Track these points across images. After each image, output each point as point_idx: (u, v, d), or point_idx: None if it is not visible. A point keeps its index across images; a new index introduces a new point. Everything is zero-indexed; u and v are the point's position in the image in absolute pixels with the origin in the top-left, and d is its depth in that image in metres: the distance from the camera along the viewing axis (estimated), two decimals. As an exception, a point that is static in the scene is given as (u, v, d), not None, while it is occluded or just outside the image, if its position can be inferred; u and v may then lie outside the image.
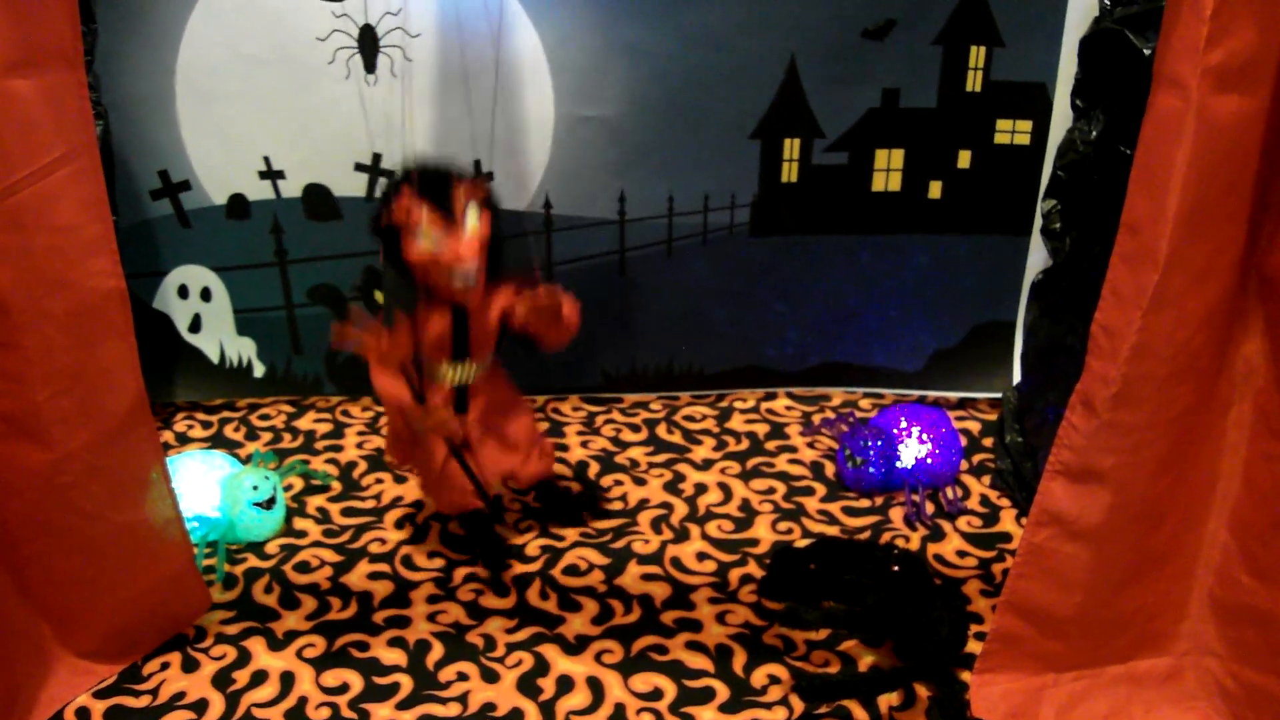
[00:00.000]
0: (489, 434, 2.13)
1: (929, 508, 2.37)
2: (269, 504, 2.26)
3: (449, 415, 2.05)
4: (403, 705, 1.87)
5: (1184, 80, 1.40)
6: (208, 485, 2.27)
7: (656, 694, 1.89)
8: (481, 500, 2.13)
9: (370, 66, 2.40)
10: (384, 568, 2.20)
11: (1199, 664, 1.82)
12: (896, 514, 2.36)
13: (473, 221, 1.90)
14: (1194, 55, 1.38)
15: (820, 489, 2.45)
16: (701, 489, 2.46)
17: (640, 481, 2.48)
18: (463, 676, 1.93)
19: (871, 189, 2.57)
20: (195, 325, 2.70)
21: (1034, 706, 1.83)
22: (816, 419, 2.72)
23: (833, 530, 2.31)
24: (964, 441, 2.53)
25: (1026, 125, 2.49)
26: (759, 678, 1.92)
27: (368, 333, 1.97)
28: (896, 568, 2.06)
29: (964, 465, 2.50)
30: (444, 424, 2.04)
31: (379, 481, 2.49)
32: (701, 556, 2.23)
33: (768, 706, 1.86)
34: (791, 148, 2.51)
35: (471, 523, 2.25)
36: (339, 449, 2.62)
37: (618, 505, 2.39)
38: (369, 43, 2.38)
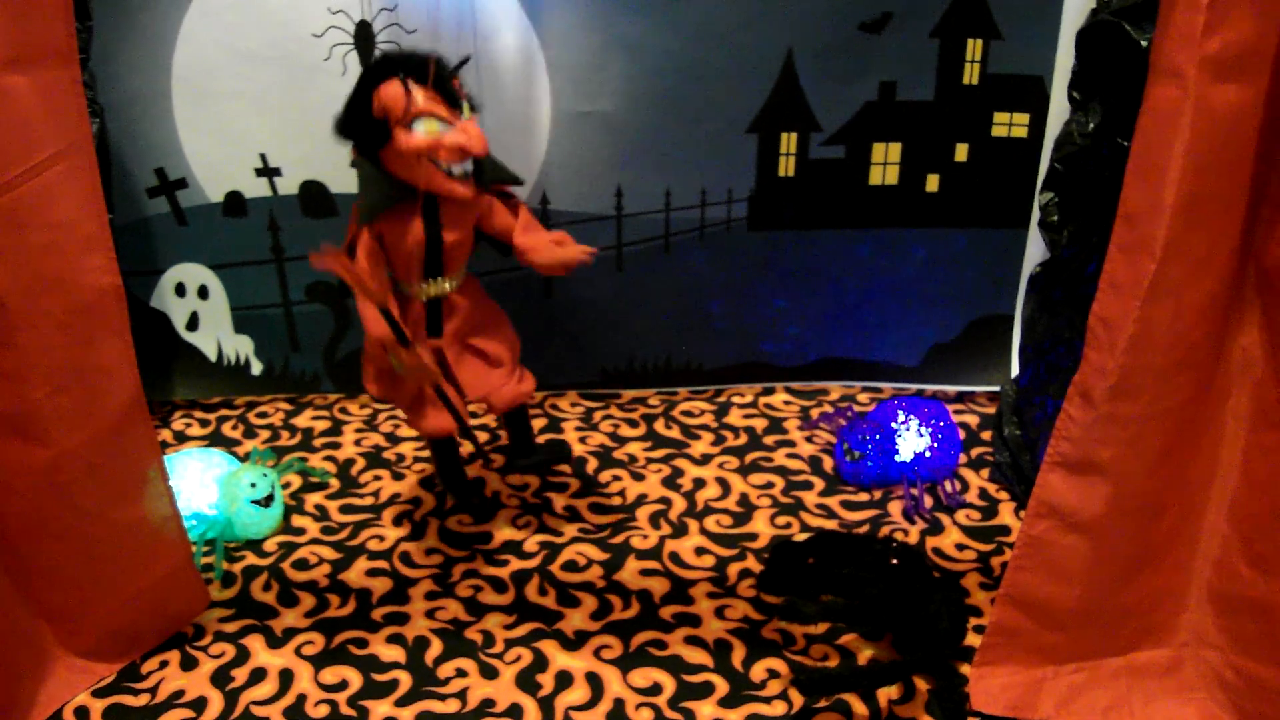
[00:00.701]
0: (467, 351, 2.05)
1: (928, 501, 2.37)
2: (267, 502, 2.26)
3: (428, 362, 1.95)
4: (401, 702, 1.87)
5: (1181, 70, 1.39)
6: (206, 483, 2.26)
7: (656, 689, 1.89)
8: (460, 429, 2.07)
9: (367, 63, 2.39)
10: (382, 565, 2.20)
11: (1198, 655, 1.82)
12: (895, 508, 2.36)
13: (468, 111, 1.82)
14: (1191, 45, 1.38)
15: (819, 483, 2.45)
16: (700, 484, 2.45)
17: (639, 477, 2.48)
18: (461, 673, 1.93)
19: (869, 183, 2.57)
20: (193, 323, 2.70)
21: (1033, 699, 1.83)
22: (815, 413, 2.72)
23: (831, 524, 2.31)
24: (962, 435, 2.53)
25: (1024, 118, 2.49)
26: (758, 672, 1.92)
27: (352, 264, 1.86)
28: (895, 561, 2.07)
29: (962, 459, 2.50)
30: (422, 371, 1.94)
31: (377, 479, 2.49)
32: (700, 551, 2.23)
33: (767, 701, 1.86)
34: (788, 141, 2.51)
35: (443, 450, 2.21)
36: (337, 446, 2.61)
37: (616, 500, 2.39)
38: (365, 39, 2.38)
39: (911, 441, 2.39)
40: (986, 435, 2.62)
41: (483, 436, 2.62)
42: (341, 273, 1.80)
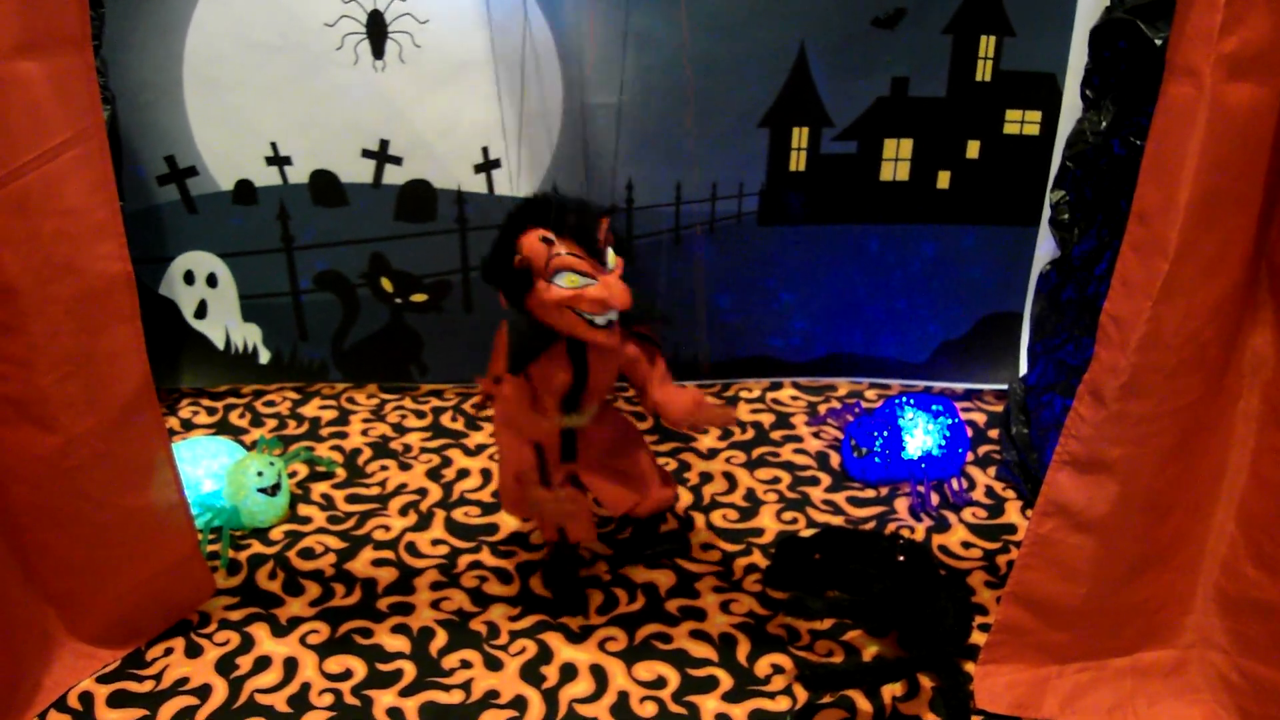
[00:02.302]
0: (604, 471, 2.01)
1: (934, 498, 2.36)
2: (273, 490, 2.26)
3: (568, 507, 1.94)
4: (406, 692, 1.87)
5: (1197, 68, 1.39)
6: (212, 471, 2.27)
7: (660, 682, 1.89)
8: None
9: (379, 52, 2.40)
10: (388, 555, 2.20)
11: (1204, 657, 1.81)
12: (902, 504, 2.36)
13: (612, 262, 1.77)
14: (1207, 43, 1.37)
15: (825, 479, 2.45)
16: (707, 478, 2.45)
17: (645, 470, 2.47)
18: (466, 664, 1.93)
19: (880, 178, 2.56)
20: (201, 311, 2.70)
21: (1038, 698, 1.82)
22: (822, 409, 2.72)
23: (838, 520, 2.31)
24: (970, 433, 2.52)
25: (1036, 115, 2.48)
26: (763, 667, 1.92)
27: (502, 385, 1.87)
28: (901, 558, 2.07)
29: (970, 456, 2.50)
30: (561, 515, 1.95)
31: (383, 469, 2.49)
32: (706, 546, 2.23)
33: (771, 696, 1.86)
34: (800, 136, 2.50)
35: (562, 557, 2.12)
36: (344, 436, 2.62)
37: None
38: (377, 29, 2.38)
39: (919, 438, 2.38)
40: (994, 433, 2.61)
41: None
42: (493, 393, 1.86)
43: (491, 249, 1.81)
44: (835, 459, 2.52)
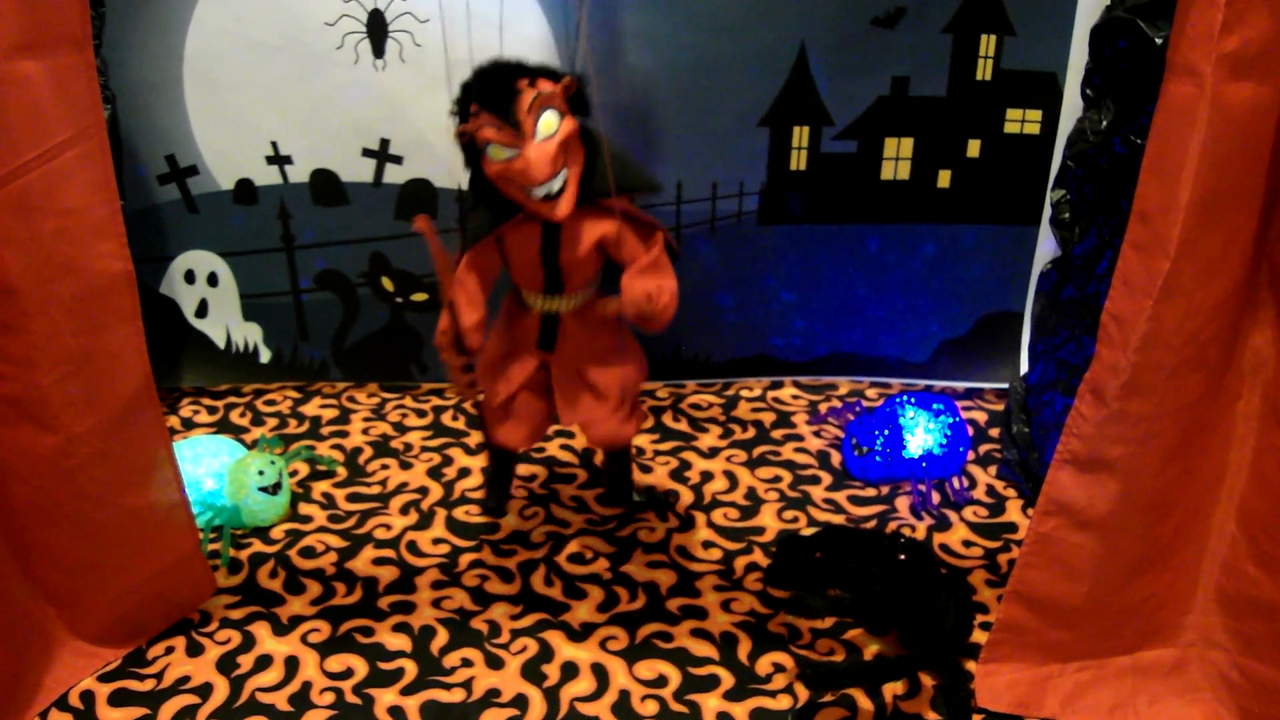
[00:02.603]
0: (574, 376, 1.96)
1: (935, 497, 2.36)
2: (274, 489, 2.26)
3: (466, 381, 1.89)
4: (407, 691, 1.87)
5: (1198, 67, 1.39)
6: (213, 470, 2.27)
7: (661, 681, 1.89)
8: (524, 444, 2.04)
9: (379, 52, 2.40)
10: (389, 553, 2.20)
11: (1204, 655, 1.81)
12: (903, 503, 2.36)
13: (545, 128, 1.68)
14: (1208, 42, 1.37)
15: (826, 478, 2.45)
16: (707, 477, 2.45)
17: (646, 469, 2.47)
18: (467, 662, 1.93)
19: (880, 177, 2.56)
20: (202, 310, 2.70)
21: (1039, 696, 1.82)
22: (823, 408, 2.72)
23: (839, 519, 2.31)
24: (971, 431, 2.52)
25: (1036, 114, 2.48)
26: (764, 665, 1.92)
27: (441, 252, 1.81)
28: (902, 557, 2.06)
29: (970, 455, 2.50)
30: (458, 385, 1.90)
31: (384, 468, 2.49)
32: (707, 544, 2.23)
33: (772, 694, 1.86)
34: (800, 135, 2.50)
35: (500, 457, 2.16)
36: (344, 435, 2.62)
37: (623, 493, 2.40)
38: (378, 28, 2.38)
39: (920, 437, 2.38)
40: (995, 432, 2.61)
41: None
42: (429, 237, 1.77)
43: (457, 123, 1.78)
44: (836, 458, 2.52)
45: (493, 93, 1.68)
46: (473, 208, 1.80)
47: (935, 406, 2.42)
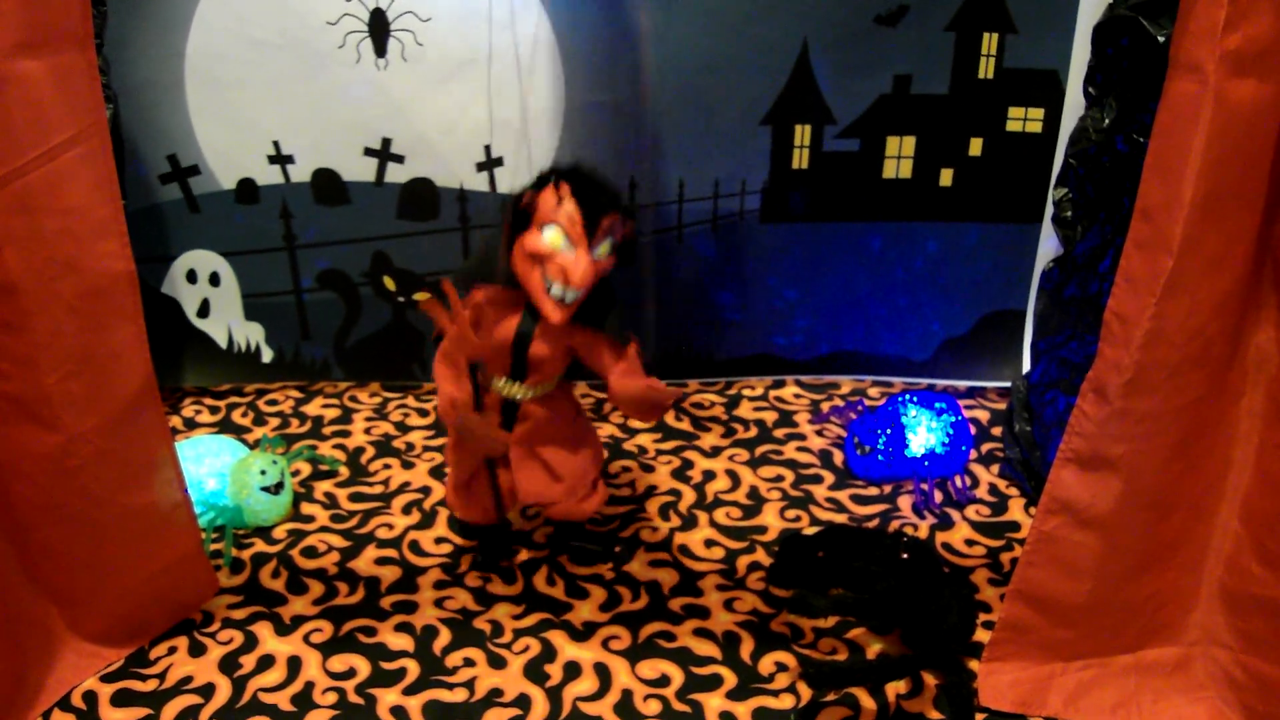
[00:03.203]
0: (532, 456, 2.02)
1: (937, 496, 2.36)
2: (276, 489, 2.26)
3: (499, 434, 1.96)
4: (410, 690, 1.87)
5: (1201, 65, 1.39)
6: (215, 470, 2.27)
7: (664, 680, 1.88)
8: (497, 516, 2.09)
9: (381, 51, 2.40)
10: (391, 553, 2.20)
11: (1208, 654, 1.81)
12: (905, 502, 2.35)
13: (601, 250, 1.81)
14: (1211, 39, 1.37)
15: (829, 477, 2.45)
16: (710, 476, 2.45)
17: (648, 468, 2.47)
18: (470, 662, 1.93)
19: (882, 176, 2.56)
20: (203, 310, 2.70)
21: (1042, 695, 1.82)
22: (825, 407, 2.72)
23: (841, 518, 2.31)
24: (973, 430, 2.52)
25: (1039, 113, 2.48)
26: (766, 665, 1.92)
27: (447, 316, 1.87)
28: (905, 556, 2.06)
29: (973, 454, 2.50)
30: (491, 441, 1.97)
31: (386, 467, 2.49)
32: (709, 544, 2.23)
33: (775, 694, 1.86)
34: (802, 134, 2.50)
35: (478, 538, 2.21)
36: (347, 434, 2.62)
37: (625, 492, 2.39)
38: (380, 27, 2.38)
39: (922, 436, 2.38)
40: (997, 431, 2.61)
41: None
42: (440, 310, 1.86)
43: (524, 188, 1.84)
44: (838, 457, 2.52)
45: (591, 194, 1.78)
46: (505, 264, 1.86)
47: (938, 405, 2.42)
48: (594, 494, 2.09)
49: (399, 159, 2.52)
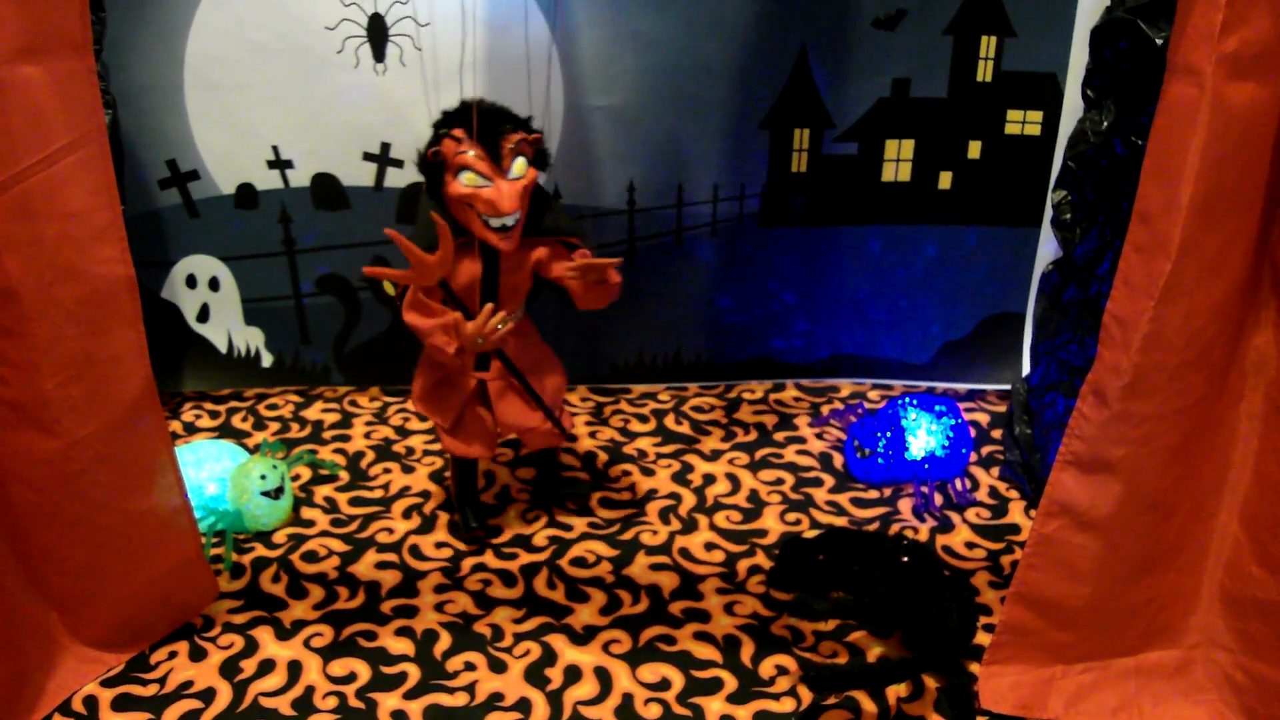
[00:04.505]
0: (510, 389, 2.12)
1: (937, 499, 2.36)
2: (276, 494, 2.26)
3: (498, 326, 1.96)
4: (410, 695, 1.87)
5: (1198, 68, 1.39)
6: (215, 475, 2.27)
7: (664, 684, 1.88)
8: (488, 450, 2.16)
9: (379, 55, 2.40)
10: (391, 557, 2.20)
11: (1208, 656, 1.81)
12: (905, 505, 2.35)
13: (517, 170, 1.88)
14: (1209, 43, 1.37)
15: (829, 480, 2.45)
16: (710, 480, 2.45)
17: (648, 472, 2.47)
18: (470, 666, 1.93)
19: (881, 179, 2.56)
20: (203, 315, 2.70)
21: (1042, 698, 1.82)
22: (825, 410, 2.72)
23: (841, 521, 2.31)
24: (973, 433, 2.52)
25: (1037, 116, 2.48)
26: (767, 668, 1.92)
27: (397, 272, 1.94)
28: (905, 559, 2.06)
29: (973, 457, 2.50)
30: (492, 335, 1.96)
31: (387, 471, 2.49)
32: (709, 547, 2.23)
33: (776, 697, 1.86)
34: (801, 138, 2.51)
35: (464, 471, 2.26)
36: (347, 439, 2.62)
37: (625, 496, 2.39)
38: (378, 32, 2.38)
39: (922, 439, 2.38)
40: (997, 434, 2.61)
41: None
42: (386, 277, 1.94)
43: (429, 140, 1.93)
44: (838, 460, 2.52)
45: (483, 127, 1.86)
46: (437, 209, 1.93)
47: (937, 408, 2.42)
48: (564, 418, 2.21)
49: (398, 164, 2.52)
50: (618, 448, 2.57)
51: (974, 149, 2.53)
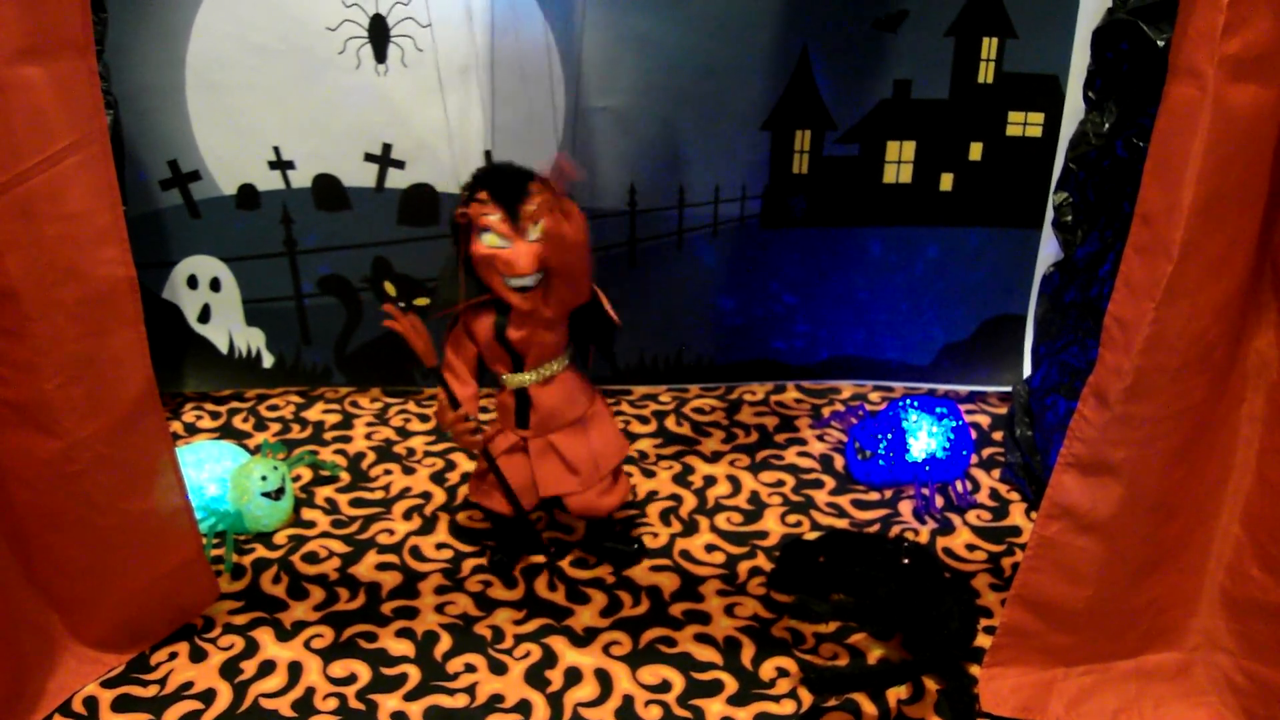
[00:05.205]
0: (549, 449, 2.06)
1: (938, 501, 2.36)
2: (277, 494, 2.26)
3: (467, 430, 2.01)
4: (410, 696, 1.87)
5: (1200, 69, 1.39)
6: (216, 476, 2.27)
7: (665, 686, 1.88)
8: (512, 509, 2.10)
9: (381, 56, 2.40)
10: (392, 559, 2.20)
11: (1209, 659, 1.81)
12: (906, 507, 2.35)
13: (535, 233, 1.88)
14: (1211, 44, 1.37)
15: (829, 482, 2.45)
16: (710, 481, 2.45)
17: (649, 474, 2.47)
18: (470, 668, 1.93)
19: (883, 181, 2.56)
20: (204, 315, 2.70)
21: (1043, 701, 1.82)
22: (826, 412, 2.72)
23: (842, 523, 2.31)
24: (974, 435, 2.52)
25: (1039, 117, 2.48)
26: (768, 670, 1.92)
27: (414, 329, 1.98)
28: (906, 561, 2.06)
29: (974, 459, 2.50)
30: (460, 437, 2.02)
31: (387, 473, 2.49)
32: (710, 549, 2.23)
33: (776, 699, 1.85)
34: (803, 139, 2.50)
35: (499, 528, 2.24)
36: (348, 440, 2.62)
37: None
38: (380, 33, 2.38)
39: (923, 441, 2.38)
40: (998, 436, 2.61)
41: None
42: (396, 327, 1.99)
43: (459, 199, 1.96)
44: (839, 462, 2.51)
45: (507, 190, 1.89)
46: (466, 274, 1.98)
47: (938, 410, 2.42)
48: (615, 487, 2.12)
49: (399, 164, 2.52)
50: (618, 449, 2.57)
51: (975, 150, 2.53)
